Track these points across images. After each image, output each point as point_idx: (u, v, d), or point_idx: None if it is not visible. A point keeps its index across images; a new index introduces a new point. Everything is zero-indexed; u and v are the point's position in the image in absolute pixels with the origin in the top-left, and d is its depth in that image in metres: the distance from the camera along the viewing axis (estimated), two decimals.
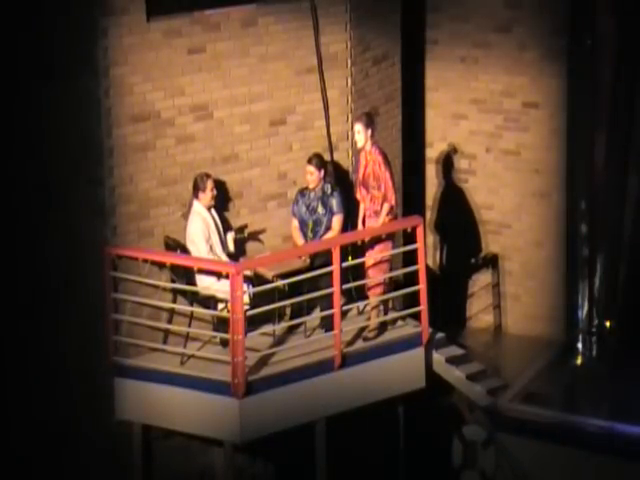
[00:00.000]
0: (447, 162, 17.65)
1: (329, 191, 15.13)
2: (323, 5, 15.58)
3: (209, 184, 14.35)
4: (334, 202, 15.08)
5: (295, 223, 15.03)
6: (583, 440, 15.04)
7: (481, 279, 17.65)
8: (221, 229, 14.61)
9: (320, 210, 15.12)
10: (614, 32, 16.76)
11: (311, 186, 14.98)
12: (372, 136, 15.17)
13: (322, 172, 14.95)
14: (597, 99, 16.79)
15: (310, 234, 14.99)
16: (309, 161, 14.91)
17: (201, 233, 14.31)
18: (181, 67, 14.66)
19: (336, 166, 15.85)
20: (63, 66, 14.05)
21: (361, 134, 15.06)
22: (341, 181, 15.79)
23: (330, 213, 15.08)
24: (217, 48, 14.95)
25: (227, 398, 13.69)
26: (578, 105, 16.88)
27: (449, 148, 17.69)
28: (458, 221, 17.76)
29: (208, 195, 14.35)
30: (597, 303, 17.00)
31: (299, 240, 14.99)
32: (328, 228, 14.94)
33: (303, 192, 15.06)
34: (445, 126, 17.49)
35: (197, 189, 14.37)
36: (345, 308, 14.73)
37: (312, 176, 14.95)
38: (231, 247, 14.69)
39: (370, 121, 15.24)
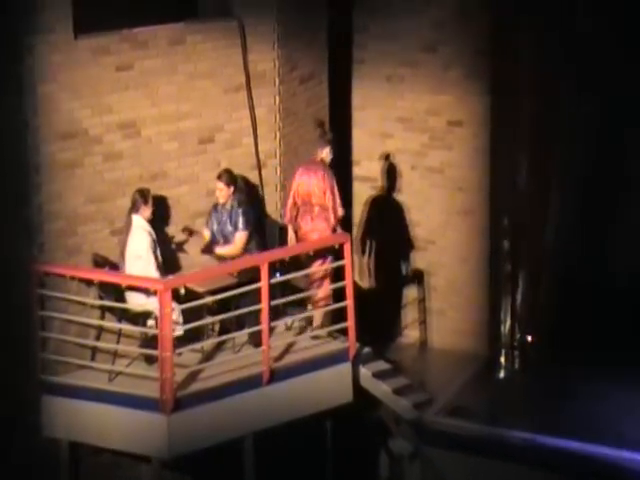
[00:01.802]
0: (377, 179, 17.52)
1: (236, 207, 15.04)
2: (251, 24, 15.52)
3: (150, 198, 14.27)
4: (239, 219, 14.97)
5: (207, 236, 14.98)
6: (507, 452, 14.96)
7: (408, 295, 17.55)
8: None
9: (228, 226, 15.03)
10: (535, 50, 16.78)
11: (221, 201, 14.88)
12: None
13: (231, 188, 14.88)
14: (519, 118, 16.85)
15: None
16: (219, 177, 14.85)
17: (149, 246, 14.13)
18: (109, 85, 14.48)
19: (262, 182, 15.69)
20: None
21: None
22: (269, 197, 15.74)
23: (235, 229, 15.03)
24: (145, 66, 14.75)
25: (155, 414, 13.43)
26: (501, 123, 16.94)
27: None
28: (385, 238, 17.62)
29: (150, 209, 14.20)
30: (519, 318, 17.09)
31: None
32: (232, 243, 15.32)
33: (216, 207, 14.94)
34: (372, 144, 17.32)
35: (138, 203, 14.16)
36: (274, 324, 14.53)
37: (221, 192, 14.91)
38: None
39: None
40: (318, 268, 15.33)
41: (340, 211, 15.37)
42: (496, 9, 16.89)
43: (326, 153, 15.34)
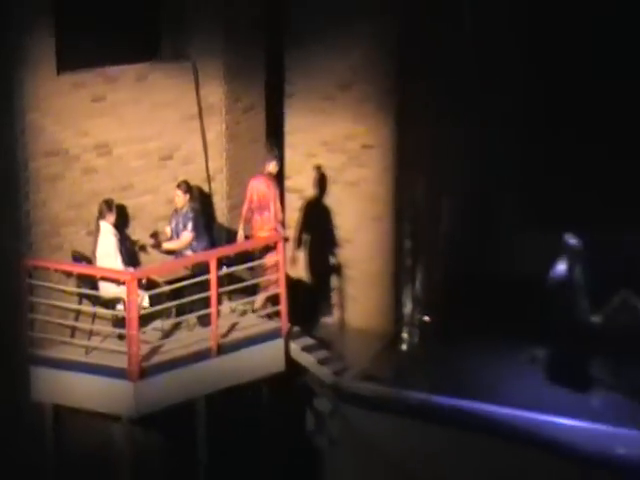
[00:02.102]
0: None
1: (189, 212, 14.90)
2: (202, 64, 15.52)
3: (114, 207, 14.15)
4: (189, 222, 14.86)
5: (168, 233, 14.84)
6: (408, 409, 14.83)
7: (331, 283, 17.26)
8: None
9: (180, 226, 14.94)
10: (430, 92, 16.79)
11: (179, 206, 14.74)
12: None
13: (187, 196, 14.76)
14: (418, 143, 16.73)
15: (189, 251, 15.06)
16: (178, 186, 14.71)
17: (115, 246, 14.06)
18: (86, 112, 14.38)
19: (212, 194, 15.76)
20: None
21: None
22: (216, 206, 15.80)
23: (184, 229, 15.01)
24: (116, 97, 14.66)
25: (124, 381, 13.45)
26: (404, 148, 16.75)
27: None
28: (314, 237, 17.32)
29: (114, 216, 14.07)
30: (418, 303, 17.15)
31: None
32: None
33: (175, 211, 14.79)
34: (301, 163, 17.08)
35: (104, 211, 14.01)
36: (220, 308, 14.55)
37: (179, 198, 14.77)
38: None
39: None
40: (263, 261, 15.00)
41: (280, 215, 15.39)
42: (400, 57, 16.69)
43: (273, 166, 15.33)
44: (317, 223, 17.57)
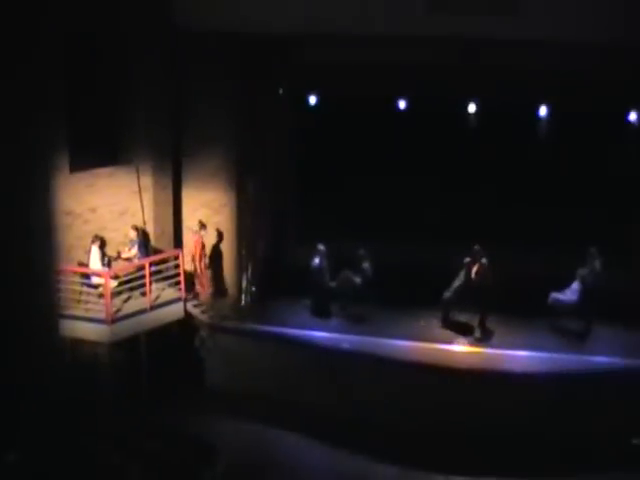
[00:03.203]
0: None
1: (138, 240, 15.84)
2: (141, 166, 16.43)
3: (98, 238, 15.36)
4: (135, 245, 15.82)
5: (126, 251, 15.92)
6: (249, 334, 15.82)
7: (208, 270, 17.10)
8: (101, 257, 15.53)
9: (133, 248, 15.90)
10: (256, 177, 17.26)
11: (132, 237, 15.92)
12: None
13: (136, 232, 15.89)
14: (249, 201, 17.14)
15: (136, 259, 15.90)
16: (132, 227, 16.02)
17: (99, 258, 15.37)
18: (83, 192, 15.64)
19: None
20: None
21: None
22: (150, 237, 16.53)
23: (133, 248, 15.84)
24: (98, 184, 15.85)
25: (104, 325, 14.97)
26: (240, 204, 17.03)
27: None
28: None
29: (98, 243, 15.36)
30: (250, 279, 17.26)
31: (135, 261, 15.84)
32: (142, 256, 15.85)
33: (130, 240, 15.96)
34: (189, 213, 17.04)
35: (94, 240, 15.36)
36: (154, 287, 15.47)
37: (132, 233, 15.93)
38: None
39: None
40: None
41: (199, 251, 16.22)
42: (238, 161, 16.91)
43: (201, 234, 16.70)
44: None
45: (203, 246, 16.98)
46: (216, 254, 17.22)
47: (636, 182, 17.47)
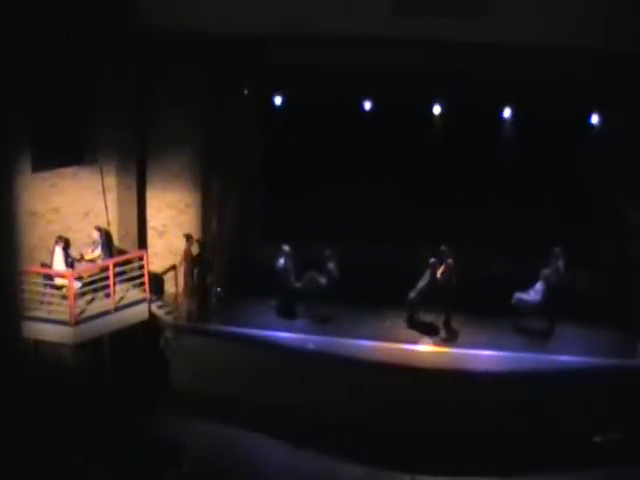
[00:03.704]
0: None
1: (101, 241, 15.88)
2: (105, 166, 16.47)
3: (62, 239, 15.38)
4: (99, 246, 15.80)
5: (96, 254, 15.93)
6: (214, 335, 15.78)
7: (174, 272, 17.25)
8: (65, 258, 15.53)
9: (96, 249, 15.90)
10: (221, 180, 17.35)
11: (95, 238, 15.94)
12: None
13: (99, 233, 15.88)
14: (213, 202, 17.26)
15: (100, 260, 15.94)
16: (95, 228, 16.04)
17: (62, 259, 15.43)
18: (47, 192, 15.74)
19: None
20: None
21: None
22: (113, 237, 16.49)
23: (97, 249, 15.92)
24: (62, 184, 15.87)
25: (67, 327, 14.95)
26: (205, 204, 17.10)
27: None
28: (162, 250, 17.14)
29: (62, 244, 15.37)
30: (215, 280, 17.16)
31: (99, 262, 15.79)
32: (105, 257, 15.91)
33: (93, 242, 16.00)
34: (154, 213, 17.13)
35: (57, 241, 15.35)
36: (118, 287, 15.46)
37: (95, 234, 15.94)
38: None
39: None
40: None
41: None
42: (204, 163, 16.94)
43: (190, 245, 16.65)
44: (163, 244, 17.37)
45: (192, 257, 16.98)
46: (202, 263, 17.17)
47: (599, 183, 17.76)
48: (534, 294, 16.08)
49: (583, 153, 17.62)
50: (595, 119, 17.23)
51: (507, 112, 17.45)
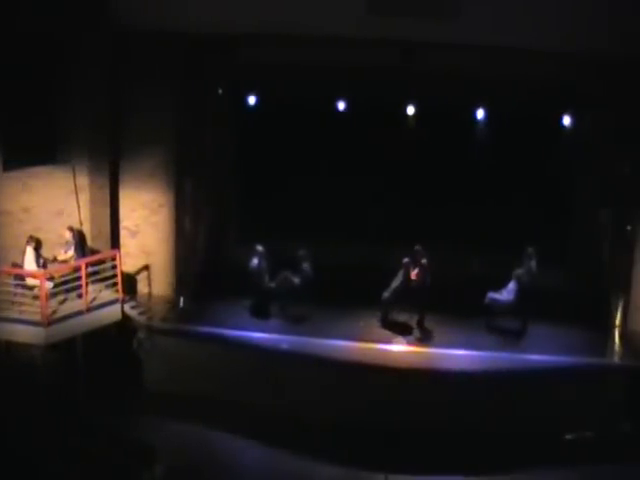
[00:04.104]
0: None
1: (74, 242, 15.85)
2: (78, 165, 16.40)
3: (33, 240, 15.38)
4: (72, 247, 15.80)
5: (69, 255, 15.88)
6: (184, 335, 15.82)
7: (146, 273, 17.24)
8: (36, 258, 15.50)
9: (69, 249, 15.86)
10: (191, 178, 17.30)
11: (67, 238, 15.90)
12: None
13: (72, 233, 15.85)
14: (185, 202, 17.27)
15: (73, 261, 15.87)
16: (67, 228, 15.93)
17: (34, 259, 15.44)
18: (18, 192, 15.79)
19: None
20: None
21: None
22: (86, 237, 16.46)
23: (69, 250, 15.89)
24: (34, 184, 15.92)
25: (40, 327, 14.94)
26: (178, 204, 17.02)
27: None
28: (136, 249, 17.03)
29: (34, 244, 15.37)
30: (187, 281, 17.33)
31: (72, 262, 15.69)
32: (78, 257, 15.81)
33: (66, 242, 15.92)
34: (127, 213, 17.04)
35: (29, 241, 15.39)
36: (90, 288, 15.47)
37: (67, 234, 15.90)
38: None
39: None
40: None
41: None
42: (178, 162, 16.82)
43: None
44: (136, 243, 17.26)
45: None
46: None
47: (571, 183, 17.91)
48: (507, 294, 16.21)
49: (555, 154, 17.76)
50: (567, 120, 17.39)
51: (480, 113, 17.60)
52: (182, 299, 17.43)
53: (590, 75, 16.48)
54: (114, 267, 16.23)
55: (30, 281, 15.35)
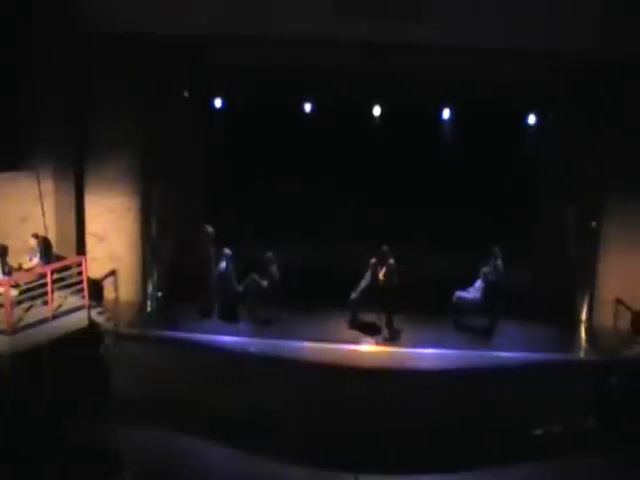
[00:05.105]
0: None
1: (39, 249, 15.42)
2: (42, 171, 16.25)
3: (1, 248, 15.00)
4: (37, 254, 15.41)
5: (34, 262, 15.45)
6: (151, 341, 15.78)
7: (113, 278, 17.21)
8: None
9: (34, 256, 15.48)
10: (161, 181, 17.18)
11: (32, 245, 15.47)
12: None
13: (36, 240, 15.45)
14: (152, 205, 17.17)
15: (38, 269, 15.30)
16: (32, 235, 15.50)
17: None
18: None
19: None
20: None
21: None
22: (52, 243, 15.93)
23: (35, 257, 15.51)
24: (1, 190, 16.01)
25: (5, 335, 14.29)
26: (145, 209, 16.98)
27: None
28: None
29: None
30: (155, 286, 17.34)
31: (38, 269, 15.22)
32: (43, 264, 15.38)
33: (31, 248, 15.50)
34: (93, 218, 17.00)
35: None
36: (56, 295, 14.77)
37: (32, 241, 15.50)
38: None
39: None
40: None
41: None
42: (145, 165, 16.76)
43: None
44: (103, 249, 17.24)
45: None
46: None
47: (537, 183, 18.11)
48: (474, 292, 16.39)
49: (521, 153, 17.94)
50: (532, 119, 17.54)
51: (446, 112, 17.71)
52: (149, 304, 17.37)
53: (556, 74, 16.69)
54: (80, 273, 15.71)
55: None
